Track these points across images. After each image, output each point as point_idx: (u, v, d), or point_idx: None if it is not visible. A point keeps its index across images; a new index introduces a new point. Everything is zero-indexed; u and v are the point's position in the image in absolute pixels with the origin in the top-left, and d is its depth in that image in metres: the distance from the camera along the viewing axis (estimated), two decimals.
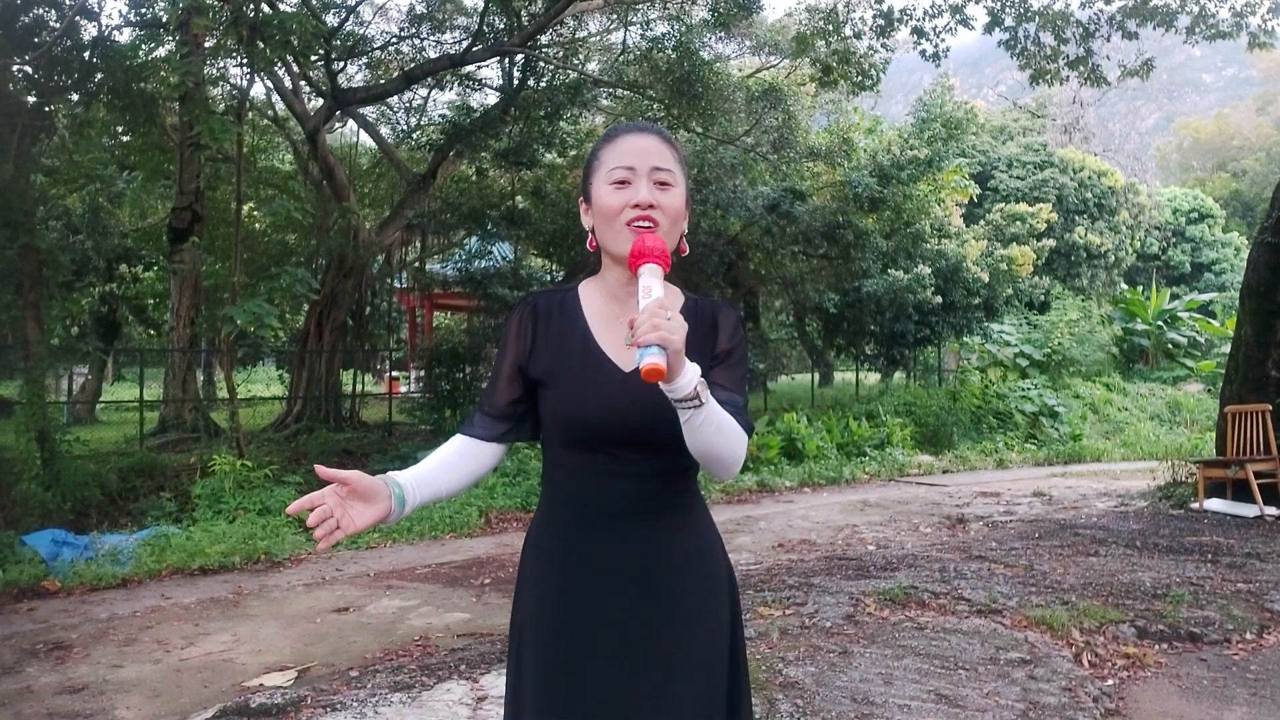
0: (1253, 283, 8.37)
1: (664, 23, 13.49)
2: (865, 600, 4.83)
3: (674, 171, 1.53)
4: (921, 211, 15.50)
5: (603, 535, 1.52)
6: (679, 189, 1.54)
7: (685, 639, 1.52)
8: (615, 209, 1.50)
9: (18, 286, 8.55)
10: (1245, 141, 56.74)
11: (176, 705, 3.85)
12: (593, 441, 1.51)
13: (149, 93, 10.30)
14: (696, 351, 1.50)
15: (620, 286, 1.56)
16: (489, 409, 1.60)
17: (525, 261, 15.52)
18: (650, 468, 1.51)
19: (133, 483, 9.04)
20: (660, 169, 1.51)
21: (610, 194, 1.51)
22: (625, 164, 1.51)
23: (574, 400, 1.51)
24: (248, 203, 15.68)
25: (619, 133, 1.57)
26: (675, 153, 1.57)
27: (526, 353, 1.57)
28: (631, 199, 1.49)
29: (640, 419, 1.46)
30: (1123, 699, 3.62)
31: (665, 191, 1.51)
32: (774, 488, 10.65)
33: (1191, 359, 22.49)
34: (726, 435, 1.41)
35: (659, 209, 1.49)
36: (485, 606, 5.43)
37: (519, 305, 1.63)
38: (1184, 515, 7.77)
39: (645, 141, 1.54)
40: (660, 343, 1.26)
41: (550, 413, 1.55)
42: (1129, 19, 11.28)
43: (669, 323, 1.28)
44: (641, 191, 1.49)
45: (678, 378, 1.32)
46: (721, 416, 1.40)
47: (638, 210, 1.48)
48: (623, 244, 1.48)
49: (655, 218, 1.48)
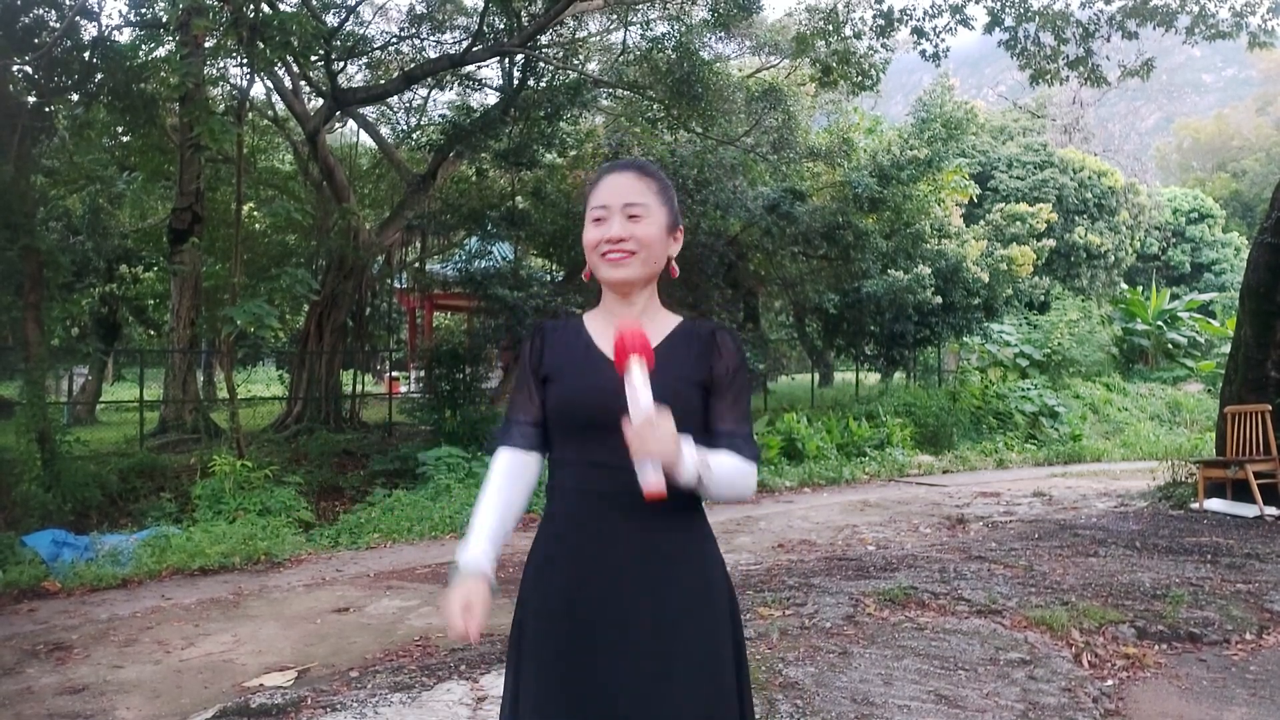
0: (1253, 283, 8.37)
1: (664, 23, 13.49)
2: (865, 600, 4.84)
3: (646, 204, 1.66)
4: (921, 212, 15.49)
5: (602, 532, 1.57)
6: (653, 219, 1.67)
7: (686, 637, 1.54)
8: (592, 244, 1.67)
9: (18, 287, 8.56)
10: (1245, 141, 56.72)
11: (176, 705, 3.85)
12: (588, 429, 1.58)
13: (149, 93, 10.31)
14: (691, 369, 1.63)
15: (615, 304, 1.70)
16: (523, 418, 1.70)
17: (525, 262, 15.52)
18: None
19: (133, 483, 9.04)
20: (631, 204, 1.65)
21: (590, 230, 1.68)
22: (601, 203, 1.67)
23: (574, 386, 1.62)
24: (248, 203, 15.69)
25: (602, 173, 1.72)
26: (654, 184, 1.68)
27: (539, 360, 1.70)
28: (605, 234, 1.64)
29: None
30: (1123, 699, 3.62)
31: (637, 223, 1.65)
32: (774, 488, 10.65)
33: (1191, 359, 22.49)
34: (734, 483, 1.56)
35: (631, 240, 1.64)
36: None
37: (531, 333, 1.78)
38: (1184, 515, 7.77)
39: (620, 179, 1.68)
40: (655, 458, 1.42)
41: (553, 403, 1.64)
42: (1129, 19, 11.28)
43: (659, 437, 1.42)
44: (614, 228, 1.64)
45: (679, 475, 1.46)
46: (728, 473, 1.55)
47: (609, 245, 1.64)
48: (601, 272, 1.67)
49: (628, 249, 1.64)
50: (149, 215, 17.16)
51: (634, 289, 1.67)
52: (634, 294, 1.68)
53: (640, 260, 1.64)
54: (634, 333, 1.49)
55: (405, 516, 8.17)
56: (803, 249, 14.62)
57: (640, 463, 1.42)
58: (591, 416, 1.57)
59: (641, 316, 1.66)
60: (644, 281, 1.68)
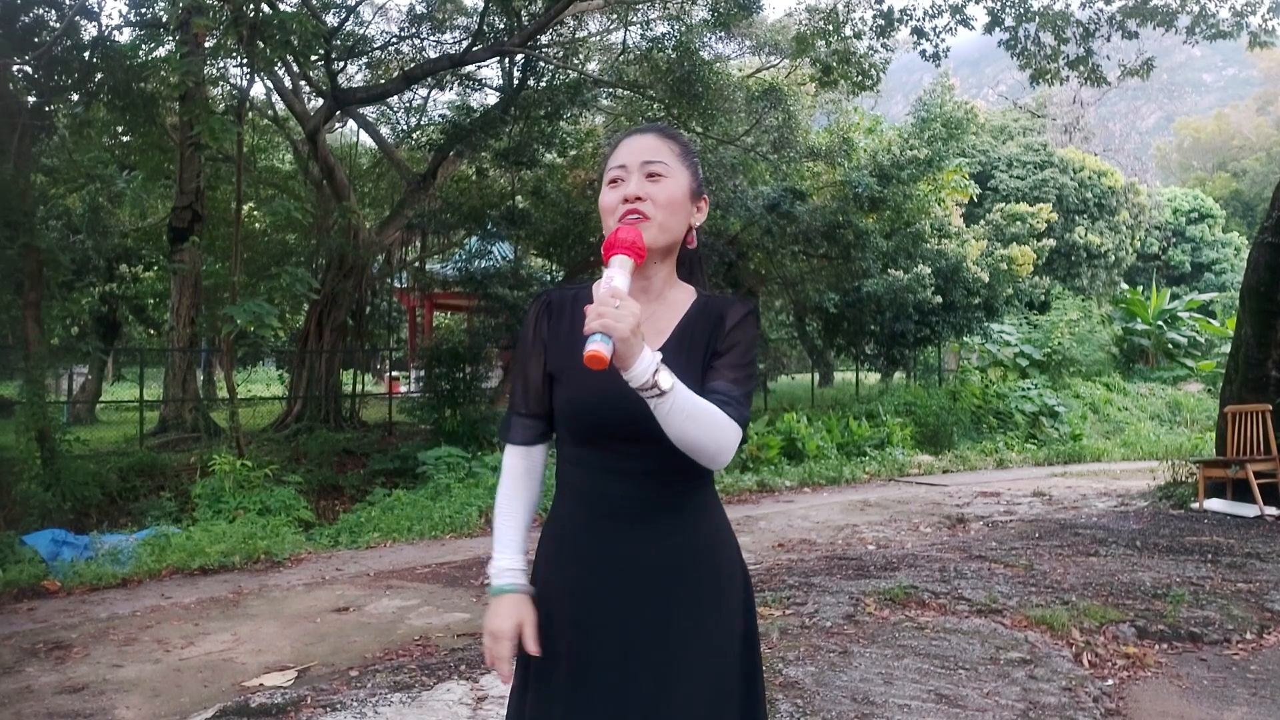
0: (1253, 283, 8.37)
1: (664, 23, 13.50)
2: (865, 600, 4.83)
3: (666, 163, 1.56)
4: (921, 211, 15.49)
5: (610, 533, 1.53)
6: (673, 179, 1.56)
7: (691, 638, 1.52)
8: (610, 206, 1.55)
9: (18, 286, 8.56)
10: (1245, 141, 56.68)
11: (176, 705, 3.85)
12: (597, 436, 1.53)
13: (149, 93, 10.32)
14: (698, 348, 1.53)
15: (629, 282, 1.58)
16: (524, 410, 1.62)
17: (525, 261, 15.53)
18: (654, 465, 1.50)
19: (133, 483, 9.05)
20: (650, 161, 1.55)
21: (607, 193, 1.57)
22: (619, 163, 1.57)
23: (578, 394, 1.54)
24: (248, 202, 15.70)
25: (620, 137, 1.63)
26: (674, 145, 1.60)
27: (543, 348, 1.60)
28: (623, 194, 1.54)
29: (634, 413, 1.44)
30: (1123, 699, 3.62)
31: (656, 182, 1.54)
32: (774, 487, 10.64)
33: (1191, 359, 22.48)
34: (701, 424, 1.39)
35: (648, 200, 1.52)
36: (485, 606, 5.41)
37: (534, 301, 1.67)
38: (1184, 515, 7.77)
39: (640, 140, 1.59)
40: (603, 330, 1.28)
41: (559, 407, 1.58)
42: (1129, 19, 11.28)
43: (617, 311, 1.29)
44: (631, 185, 1.54)
45: (631, 366, 1.32)
46: (694, 404, 1.39)
47: (626, 205, 1.52)
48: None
49: (643, 210, 1.52)
50: (149, 214, 17.16)
51: (652, 259, 1.53)
52: (651, 266, 1.55)
53: (658, 224, 1.52)
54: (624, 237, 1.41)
55: (405, 516, 8.17)
56: (803, 248, 14.61)
57: (590, 336, 1.29)
58: (595, 424, 1.52)
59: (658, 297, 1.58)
60: (662, 251, 1.56)
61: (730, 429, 1.43)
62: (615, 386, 1.43)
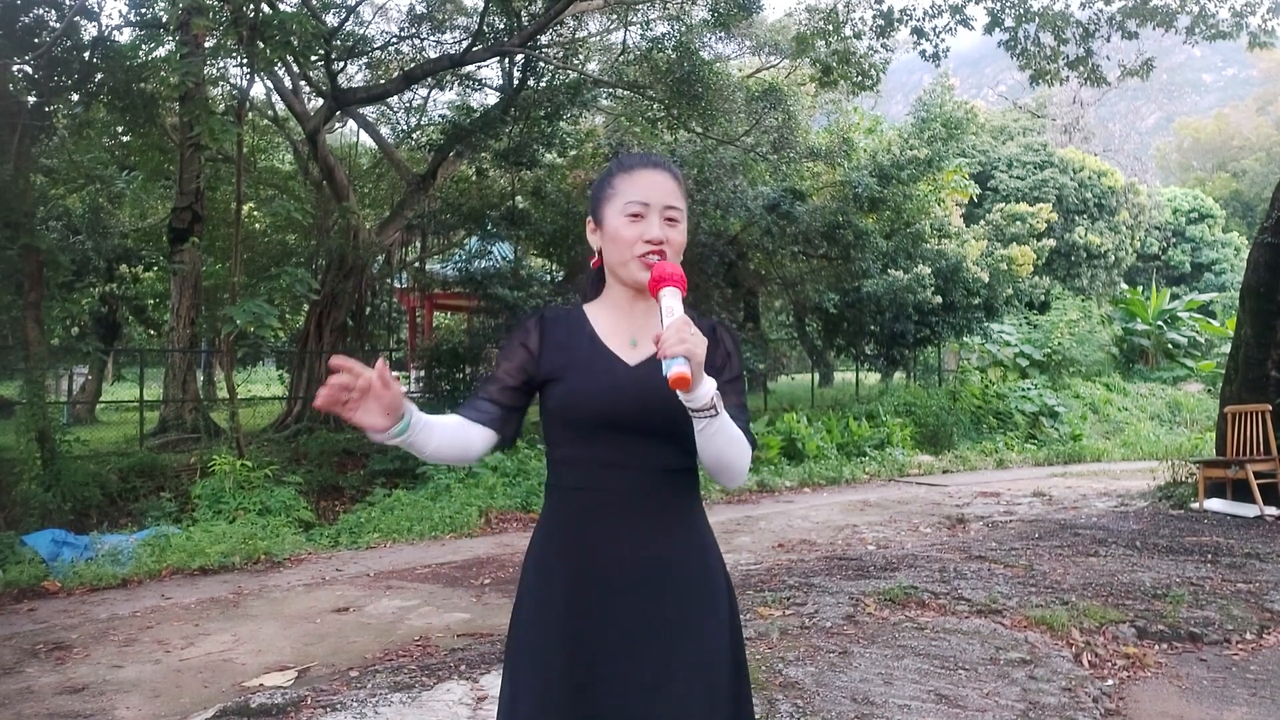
0: (1253, 283, 8.37)
1: (664, 23, 13.51)
2: (865, 600, 4.83)
3: (680, 209, 1.65)
4: (921, 211, 15.49)
5: (606, 530, 1.56)
6: (684, 224, 1.66)
7: (686, 637, 1.55)
8: (629, 240, 1.60)
9: (18, 287, 8.56)
10: (1245, 141, 56.67)
11: (176, 705, 3.85)
12: (597, 428, 1.57)
13: (149, 93, 10.32)
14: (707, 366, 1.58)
15: (626, 302, 1.66)
16: (484, 394, 1.66)
17: (525, 261, 15.52)
18: (652, 460, 1.57)
19: (133, 483, 9.04)
20: (671, 207, 1.63)
21: (625, 226, 1.61)
22: (640, 199, 1.62)
23: (580, 385, 1.59)
24: (248, 203, 15.68)
25: (634, 165, 1.67)
26: (682, 189, 1.68)
27: (537, 355, 1.65)
28: (645, 234, 1.60)
29: (641, 406, 1.54)
30: (1123, 699, 3.62)
31: (674, 228, 1.63)
32: (774, 488, 10.65)
33: (1191, 359, 22.49)
34: (737, 446, 1.53)
35: (667, 244, 1.61)
36: (485, 606, 5.43)
37: (530, 316, 1.73)
38: (1184, 515, 7.77)
39: (659, 178, 1.64)
40: (686, 354, 1.38)
41: (557, 402, 1.61)
42: (1129, 19, 11.28)
43: (693, 337, 1.39)
44: (654, 228, 1.60)
45: (698, 388, 1.43)
46: (733, 428, 1.52)
47: (649, 245, 1.59)
48: (633, 272, 1.60)
49: (664, 251, 1.60)
50: (149, 215, 17.15)
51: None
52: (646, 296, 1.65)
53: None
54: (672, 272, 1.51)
55: (405, 516, 8.18)
56: (803, 249, 14.62)
57: (670, 359, 1.38)
58: (600, 415, 1.56)
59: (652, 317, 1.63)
60: None
61: (749, 454, 1.57)
62: (627, 380, 1.54)
